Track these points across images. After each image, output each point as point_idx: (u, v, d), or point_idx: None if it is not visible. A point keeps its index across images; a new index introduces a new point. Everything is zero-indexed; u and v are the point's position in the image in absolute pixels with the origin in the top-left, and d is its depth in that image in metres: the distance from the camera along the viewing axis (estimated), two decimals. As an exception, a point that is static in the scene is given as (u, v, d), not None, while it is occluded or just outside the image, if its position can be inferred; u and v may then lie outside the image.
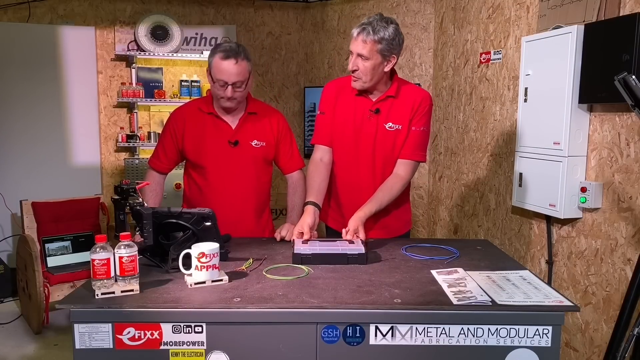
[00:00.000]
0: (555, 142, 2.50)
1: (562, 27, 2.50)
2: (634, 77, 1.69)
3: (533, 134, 2.69)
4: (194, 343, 1.41)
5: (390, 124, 2.12)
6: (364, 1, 4.39)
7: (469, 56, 3.49)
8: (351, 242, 1.90)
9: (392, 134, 2.12)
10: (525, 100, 2.73)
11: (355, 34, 1.99)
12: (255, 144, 2.24)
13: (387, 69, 2.04)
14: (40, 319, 3.46)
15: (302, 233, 1.95)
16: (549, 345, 1.41)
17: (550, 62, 2.53)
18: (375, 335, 1.41)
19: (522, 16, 2.95)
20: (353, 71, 2.04)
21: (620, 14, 2.25)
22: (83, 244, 3.85)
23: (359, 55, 1.99)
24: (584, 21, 2.42)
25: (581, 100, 2.39)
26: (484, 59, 3.31)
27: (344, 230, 1.97)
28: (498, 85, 3.18)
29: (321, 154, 2.21)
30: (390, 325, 1.41)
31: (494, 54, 3.21)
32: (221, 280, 1.57)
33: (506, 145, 3.10)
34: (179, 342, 1.41)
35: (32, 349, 3.34)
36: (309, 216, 2.01)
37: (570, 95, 2.41)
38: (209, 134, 2.21)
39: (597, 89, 2.27)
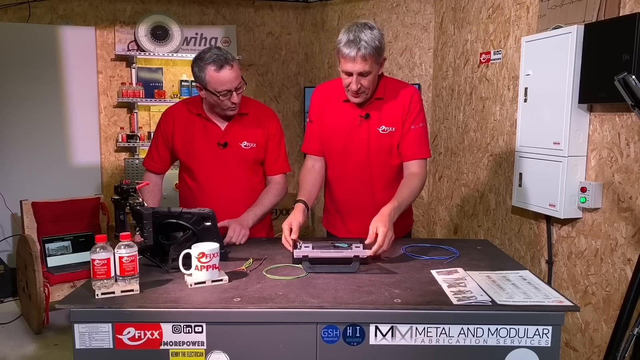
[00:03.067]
0: (555, 142, 2.50)
1: (562, 27, 2.50)
2: (634, 77, 1.69)
3: (533, 134, 2.69)
4: (194, 343, 1.41)
5: (384, 127, 2.06)
6: (364, 1, 4.39)
7: (469, 56, 3.49)
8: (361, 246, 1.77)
9: (386, 137, 2.06)
10: (525, 100, 2.73)
11: (353, 53, 1.84)
12: (245, 146, 2.20)
13: (380, 72, 2.00)
14: (40, 319, 3.46)
15: (291, 230, 1.84)
16: (549, 345, 1.41)
17: (550, 62, 2.53)
18: (375, 335, 1.41)
19: (522, 16, 2.95)
20: (357, 90, 1.95)
21: (620, 14, 2.25)
22: (83, 244, 3.86)
23: (360, 73, 1.89)
24: (583, 21, 2.42)
25: (581, 100, 2.39)
26: (483, 59, 3.31)
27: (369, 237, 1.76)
28: (498, 85, 3.18)
29: (312, 161, 2.18)
30: (390, 325, 1.41)
31: (494, 54, 3.21)
32: (221, 280, 1.57)
33: (506, 145, 3.10)
34: (179, 342, 1.41)
35: (32, 349, 3.34)
36: (300, 213, 1.92)
37: (570, 95, 2.41)
38: (198, 135, 2.18)
39: (597, 89, 2.27)
